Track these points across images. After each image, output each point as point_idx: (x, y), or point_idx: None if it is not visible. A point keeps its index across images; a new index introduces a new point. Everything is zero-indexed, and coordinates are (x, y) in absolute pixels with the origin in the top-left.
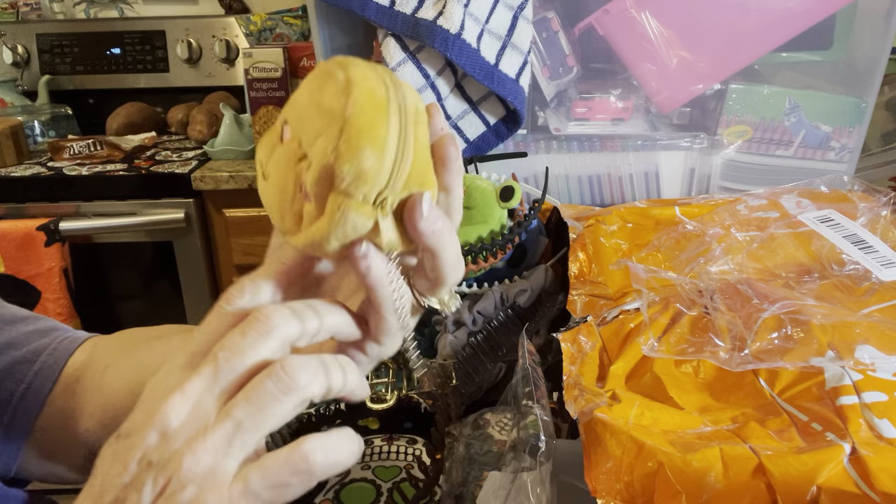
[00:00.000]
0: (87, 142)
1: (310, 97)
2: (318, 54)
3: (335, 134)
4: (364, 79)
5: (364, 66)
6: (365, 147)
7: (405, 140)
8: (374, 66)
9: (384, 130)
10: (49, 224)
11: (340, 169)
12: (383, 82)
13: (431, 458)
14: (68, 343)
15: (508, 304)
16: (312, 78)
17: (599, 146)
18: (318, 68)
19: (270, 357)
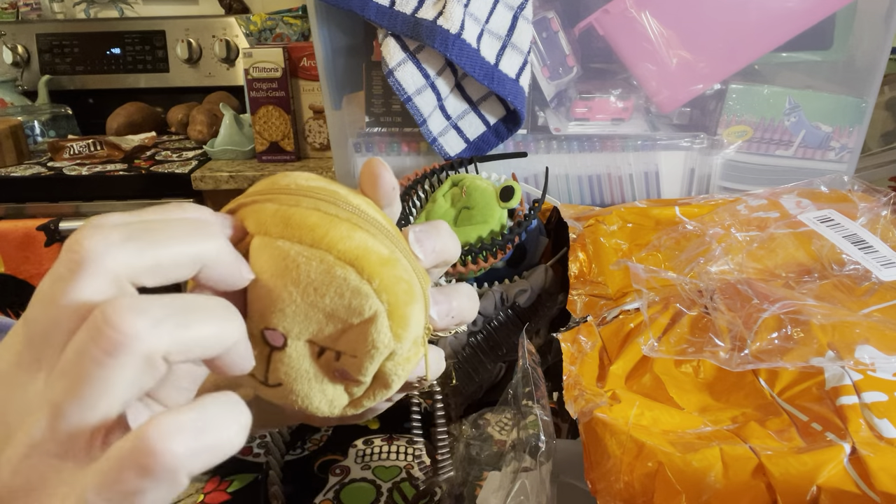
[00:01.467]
0: (87, 142)
1: (308, 299)
2: (318, 54)
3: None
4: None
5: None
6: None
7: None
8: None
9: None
10: (49, 224)
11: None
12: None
13: (431, 458)
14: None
15: (508, 304)
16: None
17: (599, 146)
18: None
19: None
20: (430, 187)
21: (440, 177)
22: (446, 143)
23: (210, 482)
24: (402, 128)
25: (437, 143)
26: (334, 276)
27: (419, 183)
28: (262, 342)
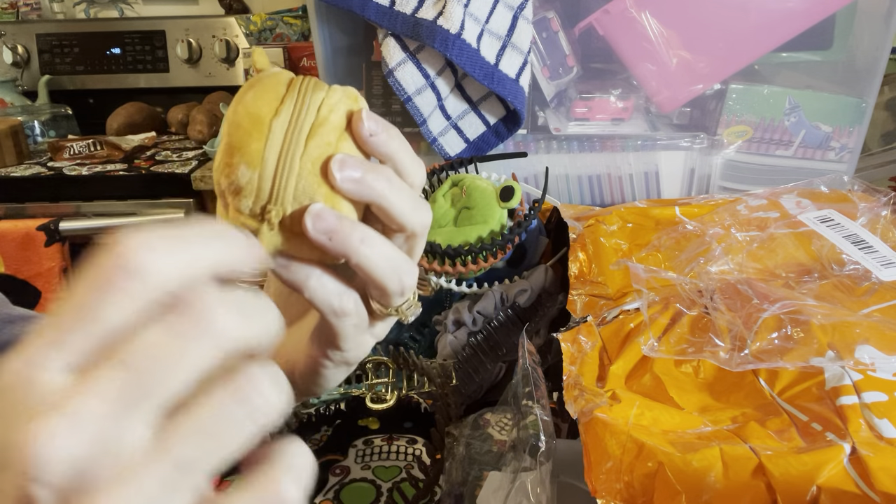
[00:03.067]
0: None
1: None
2: (318, 54)
3: (220, 150)
4: (254, 96)
5: (272, 80)
6: (239, 164)
7: (289, 155)
8: (283, 80)
9: (259, 146)
10: (49, 224)
11: (220, 185)
12: (277, 97)
13: (431, 458)
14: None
15: (508, 304)
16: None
17: (599, 146)
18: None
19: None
20: (430, 187)
21: (440, 177)
22: (446, 143)
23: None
24: (402, 128)
25: (437, 143)
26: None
27: None
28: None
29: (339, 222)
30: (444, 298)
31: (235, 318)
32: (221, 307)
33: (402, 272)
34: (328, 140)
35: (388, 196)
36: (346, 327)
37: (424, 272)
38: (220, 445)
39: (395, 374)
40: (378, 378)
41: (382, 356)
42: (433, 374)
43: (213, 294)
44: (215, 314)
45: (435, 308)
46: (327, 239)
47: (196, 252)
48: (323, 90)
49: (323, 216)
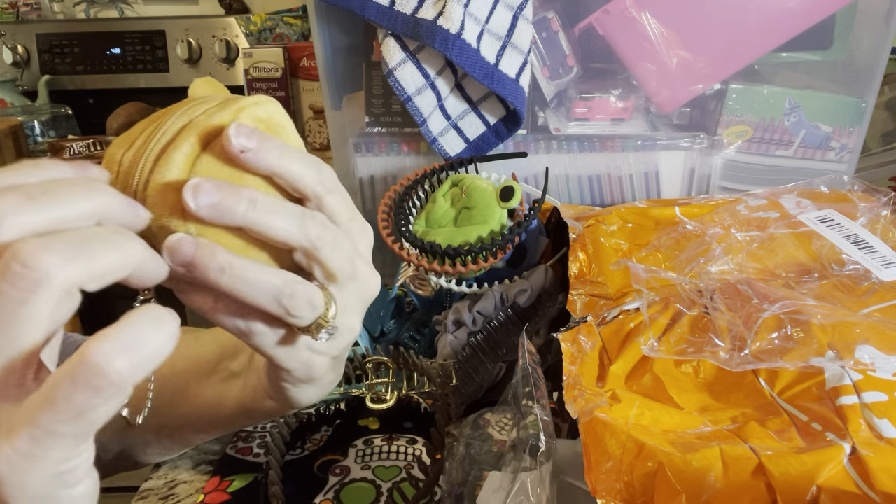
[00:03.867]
0: (87, 142)
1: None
2: (318, 54)
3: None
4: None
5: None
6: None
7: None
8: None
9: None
10: None
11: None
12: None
13: (431, 458)
14: (67, 346)
15: (508, 304)
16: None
17: (599, 146)
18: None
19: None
20: (430, 187)
21: (440, 177)
22: (446, 143)
23: (210, 482)
24: (402, 128)
25: (437, 143)
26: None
27: (419, 183)
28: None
29: (198, 250)
30: (444, 298)
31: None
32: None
33: (280, 295)
34: (175, 160)
35: (255, 220)
36: (269, 347)
37: (424, 272)
38: (8, 323)
39: (395, 374)
40: (378, 378)
41: (382, 356)
42: (433, 374)
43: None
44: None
45: (435, 308)
46: (185, 272)
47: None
48: (200, 109)
49: (179, 247)
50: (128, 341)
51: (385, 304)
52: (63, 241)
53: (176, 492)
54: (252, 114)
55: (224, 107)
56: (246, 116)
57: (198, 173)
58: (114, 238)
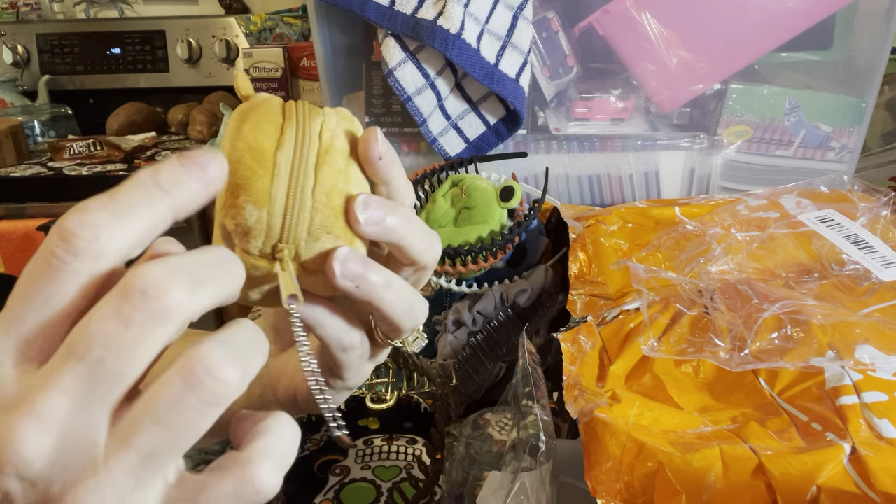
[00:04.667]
0: (87, 142)
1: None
2: (318, 54)
3: (223, 189)
4: (252, 128)
5: (267, 109)
6: (246, 203)
7: (299, 188)
8: (277, 107)
9: (265, 183)
10: (49, 224)
11: (225, 227)
12: (276, 127)
13: (431, 458)
14: None
15: (508, 304)
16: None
17: (599, 146)
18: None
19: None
20: (430, 187)
21: (440, 177)
22: (446, 143)
23: None
24: (402, 128)
25: (437, 143)
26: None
27: (419, 183)
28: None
29: (365, 269)
30: (444, 298)
31: (186, 288)
32: (169, 280)
33: (416, 311)
34: (338, 167)
35: (408, 236)
36: (351, 359)
37: None
38: (178, 433)
39: (395, 374)
40: (378, 378)
41: None
42: (433, 374)
43: (158, 267)
44: (164, 290)
45: (435, 308)
46: (354, 286)
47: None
48: (319, 114)
49: (350, 262)
50: (280, 456)
51: None
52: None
53: None
54: (357, 122)
55: (329, 113)
56: (357, 124)
57: (350, 177)
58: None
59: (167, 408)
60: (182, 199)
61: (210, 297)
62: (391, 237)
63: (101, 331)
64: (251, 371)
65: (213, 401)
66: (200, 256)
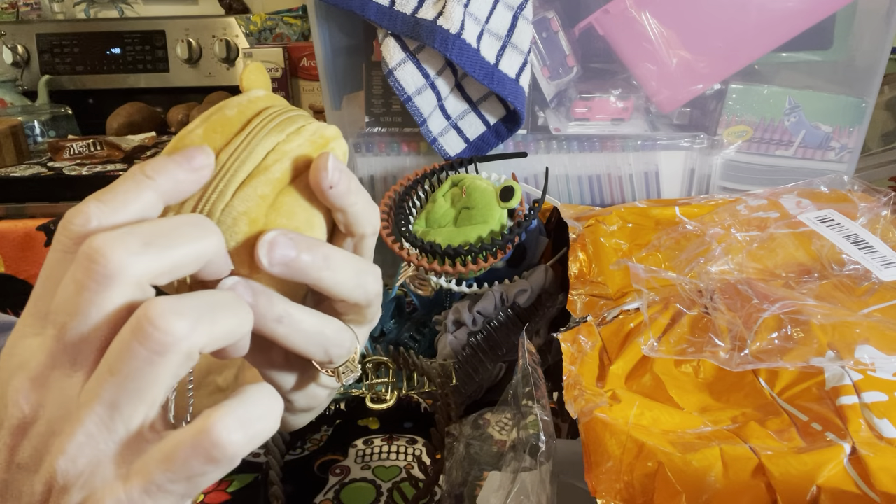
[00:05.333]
0: (87, 142)
1: None
2: (318, 54)
3: None
4: (203, 134)
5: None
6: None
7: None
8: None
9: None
10: (49, 224)
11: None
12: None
13: (431, 458)
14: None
15: (508, 304)
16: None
17: (599, 146)
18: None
19: (127, 303)
20: (430, 187)
21: (440, 177)
22: (446, 143)
23: None
24: (402, 128)
25: (437, 143)
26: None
27: (419, 183)
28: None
29: (297, 251)
30: (444, 298)
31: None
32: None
33: (366, 284)
34: (260, 193)
35: (325, 278)
36: (285, 385)
37: (424, 272)
38: (133, 382)
39: (395, 374)
40: (378, 378)
41: (382, 356)
42: (433, 374)
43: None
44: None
45: (435, 308)
46: (287, 271)
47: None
48: (283, 132)
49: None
50: (248, 418)
51: (385, 304)
52: (192, 307)
53: None
54: (341, 147)
55: (302, 133)
56: (338, 147)
57: (280, 206)
58: (236, 306)
59: (119, 358)
60: (168, 185)
61: (159, 259)
62: (304, 278)
63: (61, 299)
64: (210, 327)
65: (158, 349)
66: (156, 221)
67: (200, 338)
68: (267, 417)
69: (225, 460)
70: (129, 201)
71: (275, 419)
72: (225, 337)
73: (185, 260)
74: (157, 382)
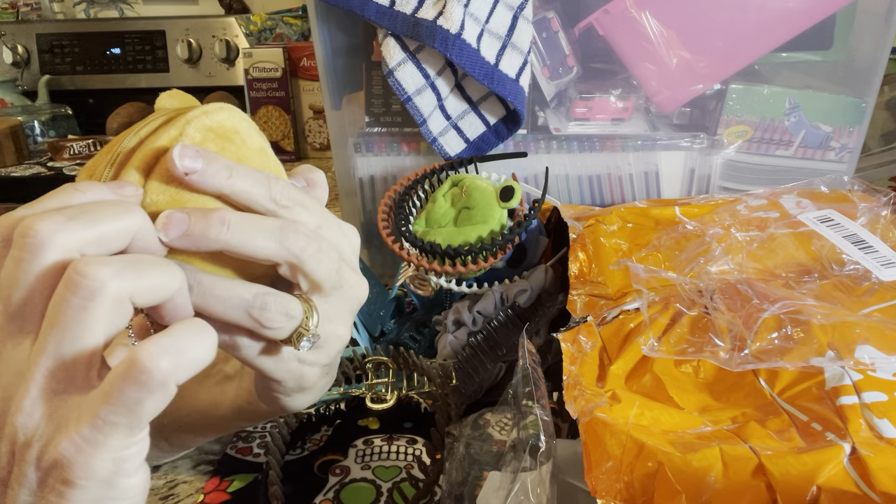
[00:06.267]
0: (87, 142)
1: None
2: (318, 54)
3: None
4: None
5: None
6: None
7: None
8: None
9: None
10: None
11: None
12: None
13: (431, 458)
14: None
15: (508, 304)
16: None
17: (599, 146)
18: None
19: (60, 265)
20: (430, 187)
21: (440, 177)
22: (446, 143)
23: (210, 482)
24: (402, 128)
25: (437, 143)
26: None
27: (419, 183)
28: None
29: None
30: (444, 298)
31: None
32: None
33: (251, 308)
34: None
35: (230, 241)
36: (251, 359)
37: (424, 272)
38: (71, 329)
39: (395, 374)
40: (378, 378)
41: (382, 356)
42: (433, 374)
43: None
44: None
45: (435, 308)
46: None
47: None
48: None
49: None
50: (172, 346)
51: (385, 304)
52: (116, 260)
53: (176, 492)
54: (201, 125)
55: (172, 123)
56: (194, 129)
57: (150, 204)
58: (160, 263)
59: (55, 310)
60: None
61: (83, 229)
62: (208, 245)
63: (3, 277)
64: (134, 276)
65: (87, 294)
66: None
67: (126, 283)
68: (194, 346)
69: (156, 385)
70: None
71: (204, 347)
72: (151, 288)
73: (109, 231)
74: (93, 326)
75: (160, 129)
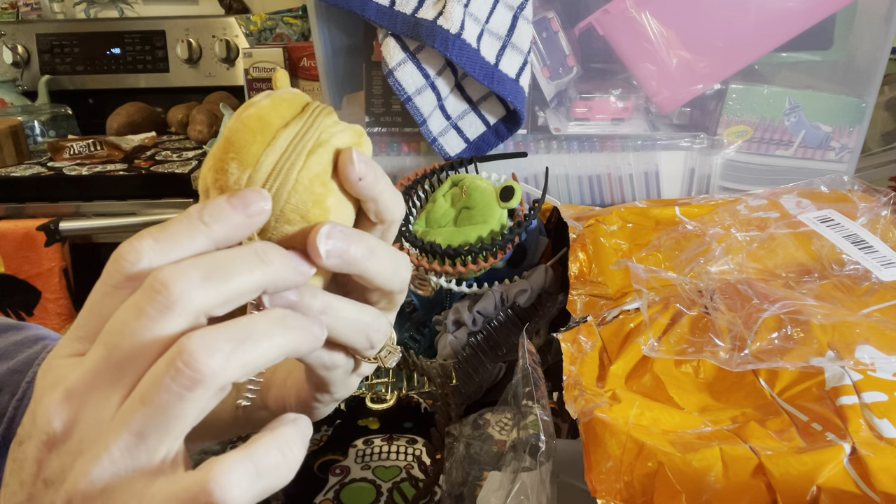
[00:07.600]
0: (87, 142)
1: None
2: (318, 54)
3: (216, 146)
4: (270, 105)
5: (291, 97)
6: (231, 161)
7: (288, 163)
8: (301, 100)
9: (258, 149)
10: (49, 224)
11: (205, 180)
12: (292, 112)
13: (431, 458)
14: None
15: (508, 304)
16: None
17: (599, 146)
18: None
19: (180, 332)
20: (430, 187)
21: (440, 177)
22: (446, 143)
23: None
24: (402, 128)
25: (437, 143)
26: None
27: (419, 183)
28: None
29: (347, 242)
30: (444, 298)
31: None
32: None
33: (401, 272)
34: (327, 160)
35: (370, 268)
36: (336, 376)
37: (424, 272)
38: (162, 414)
39: (395, 374)
40: (378, 378)
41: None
42: (433, 374)
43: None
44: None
45: (435, 308)
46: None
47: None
48: (332, 117)
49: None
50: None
51: None
52: (225, 339)
53: None
54: (367, 142)
55: (351, 127)
56: (364, 143)
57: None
58: (274, 329)
59: (150, 389)
60: (221, 233)
61: (217, 291)
62: (352, 269)
63: (118, 321)
64: (241, 362)
65: (188, 385)
66: (216, 256)
67: (232, 372)
68: (277, 474)
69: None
70: (182, 245)
71: (285, 472)
72: (261, 363)
73: (243, 290)
74: (185, 416)
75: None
